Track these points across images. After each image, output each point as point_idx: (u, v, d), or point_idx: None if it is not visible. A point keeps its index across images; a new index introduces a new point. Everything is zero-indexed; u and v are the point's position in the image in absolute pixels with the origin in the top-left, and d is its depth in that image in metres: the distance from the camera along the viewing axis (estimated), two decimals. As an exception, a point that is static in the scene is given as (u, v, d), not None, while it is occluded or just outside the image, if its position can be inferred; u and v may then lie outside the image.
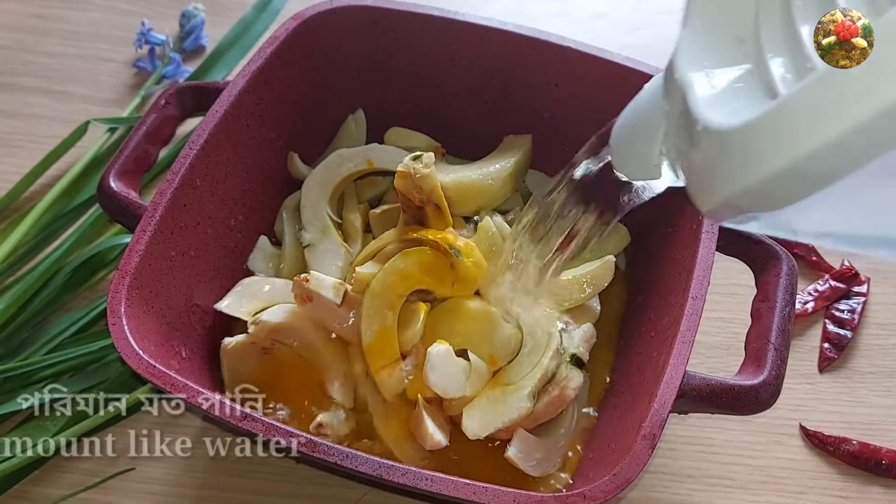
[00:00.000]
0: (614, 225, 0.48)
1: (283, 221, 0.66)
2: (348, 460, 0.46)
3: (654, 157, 0.40)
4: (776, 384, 0.50)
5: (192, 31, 0.86)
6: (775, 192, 0.29)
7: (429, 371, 0.54)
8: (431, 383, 0.54)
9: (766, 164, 0.29)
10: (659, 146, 0.39)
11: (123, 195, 0.56)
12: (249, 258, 0.64)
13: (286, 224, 0.65)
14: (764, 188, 0.29)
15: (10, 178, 0.74)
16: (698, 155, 0.34)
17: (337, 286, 0.56)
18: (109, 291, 0.51)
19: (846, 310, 0.69)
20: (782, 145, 0.28)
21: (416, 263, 0.57)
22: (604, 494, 0.44)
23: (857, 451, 0.61)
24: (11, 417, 0.62)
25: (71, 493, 0.59)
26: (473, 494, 0.45)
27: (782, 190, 0.29)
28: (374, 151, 0.67)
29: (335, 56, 0.68)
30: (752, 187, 0.30)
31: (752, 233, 0.57)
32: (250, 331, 0.57)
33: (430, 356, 0.54)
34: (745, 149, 0.30)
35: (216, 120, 0.59)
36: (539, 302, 0.57)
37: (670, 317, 0.53)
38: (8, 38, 0.87)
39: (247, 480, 0.60)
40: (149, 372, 0.49)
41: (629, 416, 0.52)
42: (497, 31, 0.65)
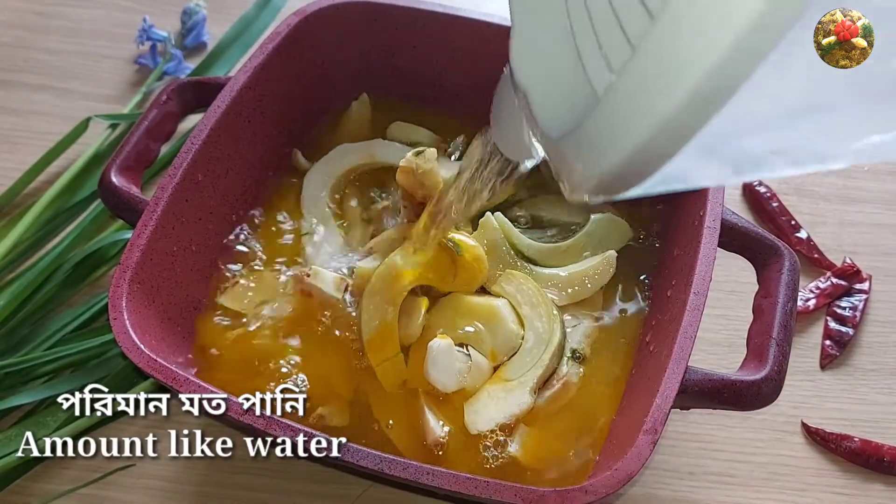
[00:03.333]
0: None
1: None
2: (350, 454, 0.46)
3: (525, 141, 0.41)
4: (778, 380, 0.50)
5: (193, 28, 0.86)
6: (630, 173, 0.30)
7: (429, 366, 0.54)
8: (432, 378, 0.54)
9: (615, 152, 0.30)
10: (526, 132, 0.40)
11: (125, 190, 0.56)
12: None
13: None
14: (621, 171, 0.30)
15: (11, 175, 0.74)
16: (552, 151, 0.36)
17: (338, 281, 0.56)
18: (111, 286, 0.51)
19: (848, 307, 0.69)
20: (618, 137, 0.30)
21: (416, 259, 0.57)
22: (605, 490, 0.44)
23: (858, 449, 0.61)
24: (11, 413, 0.62)
25: (71, 489, 0.59)
26: (475, 489, 0.45)
27: (638, 167, 0.30)
28: (376, 146, 0.67)
29: (336, 52, 0.68)
30: (608, 175, 0.31)
31: (754, 229, 0.57)
32: (250, 323, 0.57)
33: (431, 351, 0.54)
34: (589, 146, 0.32)
35: (217, 116, 0.59)
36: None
37: (672, 312, 0.53)
38: (9, 34, 0.87)
39: (247, 476, 0.60)
40: (150, 367, 0.49)
41: (631, 411, 0.52)
42: (499, 28, 0.65)
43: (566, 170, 0.35)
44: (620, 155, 0.30)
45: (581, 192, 0.34)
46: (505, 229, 0.62)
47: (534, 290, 0.59)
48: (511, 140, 0.43)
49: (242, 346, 0.58)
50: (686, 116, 0.27)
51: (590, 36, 0.32)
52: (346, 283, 0.57)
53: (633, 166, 0.30)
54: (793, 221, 0.73)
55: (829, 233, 0.73)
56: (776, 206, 0.74)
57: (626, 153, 0.29)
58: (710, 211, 0.55)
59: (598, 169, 0.31)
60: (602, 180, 0.32)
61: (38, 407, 0.62)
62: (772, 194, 0.74)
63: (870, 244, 0.73)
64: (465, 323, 0.57)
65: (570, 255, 0.62)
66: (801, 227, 0.73)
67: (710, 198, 0.56)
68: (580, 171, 0.33)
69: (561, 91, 0.35)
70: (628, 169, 0.30)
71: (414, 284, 0.57)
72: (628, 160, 0.29)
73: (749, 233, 0.57)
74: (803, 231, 0.72)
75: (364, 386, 0.57)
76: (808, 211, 0.75)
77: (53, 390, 0.62)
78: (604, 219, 0.64)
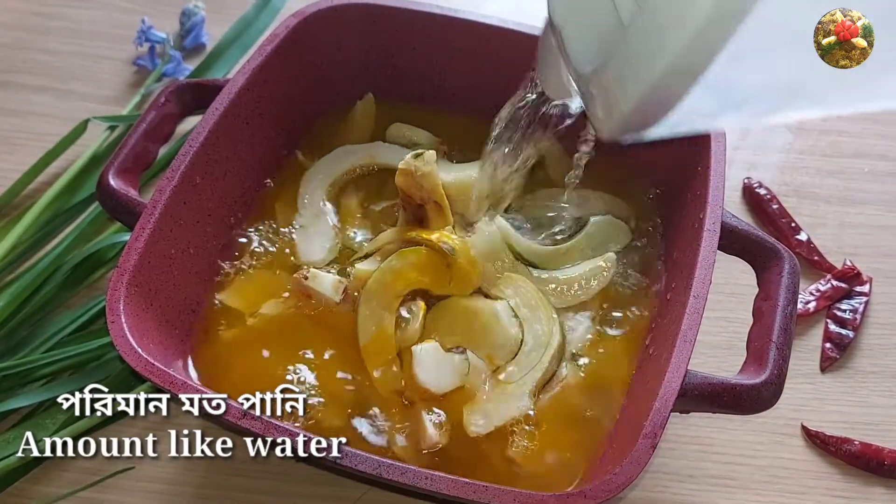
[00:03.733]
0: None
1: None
2: (348, 459, 0.46)
3: (564, 79, 0.44)
4: (778, 383, 0.50)
5: (192, 29, 0.86)
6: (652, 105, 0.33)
7: (416, 368, 0.54)
8: (421, 381, 0.54)
9: (638, 85, 0.32)
10: (563, 70, 0.43)
11: (123, 193, 0.56)
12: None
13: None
14: (644, 103, 0.33)
15: (9, 176, 0.74)
16: (584, 88, 0.38)
17: (336, 284, 0.56)
18: (108, 289, 0.51)
19: (848, 310, 0.68)
20: (641, 70, 0.32)
21: (411, 263, 0.57)
22: (604, 493, 0.44)
23: (859, 452, 0.61)
24: (10, 415, 0.62)
25: (70, 492, 0.59)
26: (474, 493, 0.44)
27: (659, 99, 0.32)
28: (376, 148, 0.67)
29: (335, 54, 0.68)
30: (632, 108, 0.33)
31: (753, 232, 0.57)
32: (248, 323, 0.57)
33: (416, 354, 0.55)
34: (616, 80, 0.34)
35: (216, 118, 0.59)
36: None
37: (672, 315, 0.53)
38: (8, 35, 0.87)
39: (246, 479, 0.60)
40: (147, 370, 0.48)
41: (631, 414, 0.52)
42: (497, 29, 0.65)
43: (596, 105, 0.37)
44: (643, 87, 0.32)
45: (609, 127, 0.36)
46: (503, 232, 0.62)
47: (533, 292, 0.59)
48: (552, 79, 0.46)
49: (241, 347, 0.58)
50: (698, 46, 0.29)
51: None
52: (343, 285, 0.57)
53: (654, 98, 0.32)
54: (793, 223, 0.73)
55: (829, 235, 0.73)
56: (776, 209, 0.74)
57: (648, 85, 0.31)
58: (709, 213, 0.55)
59: (623, 102, 0.34)
60: (627, 114, 0.34)
61: (36, 409, 0.62)
62: (772, 196, 0.74)
63: (870, 246, 0.73)
64: (463, 326, 0.57)
65: (569, 258, 0.62)
66: (801, 230, 0.73)
67: (709, 200, 0.56)
68: (609, 105, 0.35)
69: (591, 26, 0.37)
70: (651, 101, 0.32)
71: (410, 289, 0.57)
72: (649, 92, 0.32)
73: (749, 235, 0.57)
74: (803, 233, 0.72)
75: (362, 388, 0.57)
76: (808, 213, 0.75)
77: (52, 392, 0.61)
78: (603, 221, 0.64)
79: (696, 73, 0.30)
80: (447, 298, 0.58)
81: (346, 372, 0.57)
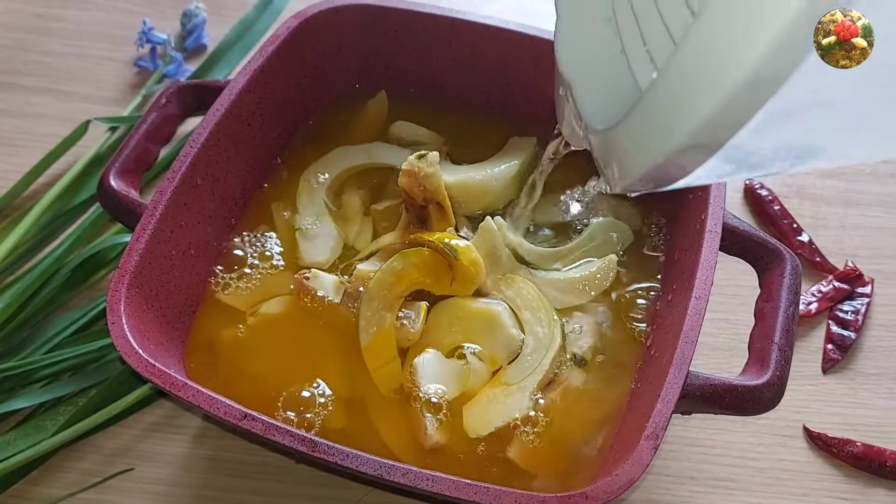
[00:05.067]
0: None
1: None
2: (349, 460, 0.46)
3: (579, 132, 0.42)
4: (780, 384, 0.50)
5: (193, 31, 0.86)
6: (673, 167, 0.31)
7: (419, 379, 0.54)
8: (424, 392, 0.54)
9: (659, 147, 0.30)
10: (575, 121, 0.42)
11: (123, 194, 0.56)
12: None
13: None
14: (665, 165, 0.31)
15: (10, 177, 0.74)
16: (596, 142, 0.36)
17: (337, 284, 0.56)
18: (109, 290, 0.51)
19: (850, 311, 0.68)
20: (663, 132, 0.29)
21: (413, 264, 0.57)
22: (606, 495, 0.44)
23: (861, 453, 0.61)
24: (10, 417, 0.62)
25: (70, 494, 0.59)
26: (475, 494, 0.44)
27: (675, 166, 0.30)
28: (375, 149, 0.67)
29: (336, 55, 0.68)
30: (651, 169, 0.31)
31: (755, 233, 0.57)
32: (248, 322, 0.57)
33: (417, 367, 0.55)
34: (633, 140, 0.32)
35: (217, 118, 0.59)
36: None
37: (673, 316, 0.53)
38: (9, 37, 0.87)
39: (246, 480, 0.60)
40: (148, 371, 0.48)
41: (632, 416, 0.52)
42: (499, 30, 0.65)
43: (609, 162, 0.35)
44: (657, 158, 0.30)
45: (623, 184, 0.34)
46: (505, 233, 0.62)
47: (534, 294, 0.59)
48: (567, 129, 0.45)
49: (241, 347, 0.58)
50: (729, 113, 0.27)
51: (634, 31, 0.32)
52: (345, 285, 0.57)
53: (668, 167, 0.30)
54: (794, 225, 0.73)
55: (830, 236, 0.73)
56: (777, 210, 0.73)
57: (662, 157, 0.29)
58: (711, 214, 0.55)
59: (635, 167, 0.32)
60: (639, 178, 0.32)
61: (37, 410, 0.62)
62: (773, 197, 0.74)
63: (872, 247, 0.73)
64: (464, 327, 0.57)
65: (570, 259, 0.62)
66: (802, 231, 0.73)
67: (711, 201, 0.55)
68: (621, 165, 0.33)
69: (604, 84, 0.35)
70: (665, 169, 0.30)
71: (411, 290, 0.57)
72: (664, 163, 0.30)
73: (751, 236, 0.57)
74: (805, 234, 0.72)
75: (362, 388, 0.57)
76: (809, 214, 0.75)
77: (52, 394, 0.61)
78: (605, 222, 0.64)
79: (717, 147, 0.28)
80: (448, 299, 0.58)
81: (347, 372, 0.57)
